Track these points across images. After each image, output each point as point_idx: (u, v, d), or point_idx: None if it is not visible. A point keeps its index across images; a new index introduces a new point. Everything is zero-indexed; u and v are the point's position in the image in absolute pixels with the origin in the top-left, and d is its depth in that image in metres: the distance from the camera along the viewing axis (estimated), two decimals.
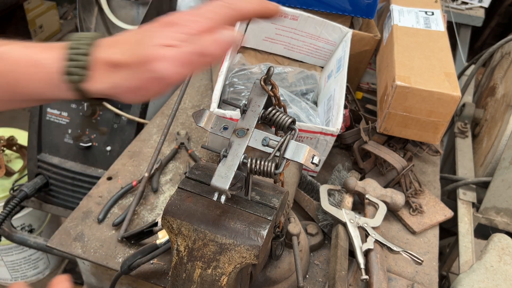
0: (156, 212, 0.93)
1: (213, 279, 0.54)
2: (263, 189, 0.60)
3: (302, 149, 0.54)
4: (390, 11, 1.22)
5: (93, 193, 0.95)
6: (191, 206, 0.57)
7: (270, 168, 0.53)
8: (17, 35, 2.92)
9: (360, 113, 1.14)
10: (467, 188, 1.18)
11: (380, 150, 1.02)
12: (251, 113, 0.56)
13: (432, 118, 0.95)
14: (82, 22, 1.42)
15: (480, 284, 0.80)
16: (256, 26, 1.14)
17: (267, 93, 0.57)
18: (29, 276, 1.88)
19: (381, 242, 0.82)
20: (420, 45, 1.07)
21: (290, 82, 1.12)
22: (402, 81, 0.93)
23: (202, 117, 0.57)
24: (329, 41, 1.16)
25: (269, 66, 0.57)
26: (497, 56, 1.48)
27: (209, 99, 1.25)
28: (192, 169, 0.62)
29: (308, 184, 0.98)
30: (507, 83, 1.27)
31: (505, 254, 0.85)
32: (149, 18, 1.33)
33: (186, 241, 0.56)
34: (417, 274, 0.87)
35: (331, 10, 1.17)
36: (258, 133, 0.55)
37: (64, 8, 3.61)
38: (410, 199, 0.99)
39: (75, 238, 0.85)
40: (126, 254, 0.83)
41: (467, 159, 1.30)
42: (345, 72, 1.01)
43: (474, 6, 2.02)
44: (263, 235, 0.54)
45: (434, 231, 0.97)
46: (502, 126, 1.17)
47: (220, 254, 0.54)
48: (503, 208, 1.12)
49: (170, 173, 1.03)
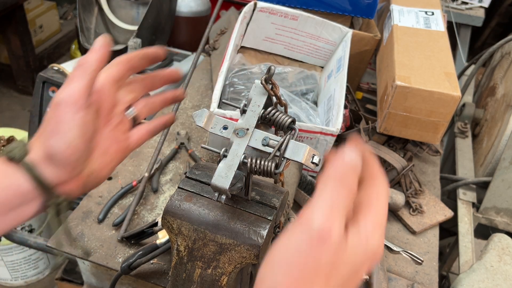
0: (156, 212, 0.93)
1: (213, 279, 0.54)
2: (263, 189, 0.60)
3: (302, 148, 0.54)
4: (390, 11, 1.22)
5: (93, 193, 0.95)
6: (191, 206, 0.57)
7: (270, 168, 0.53)
8: (17, 35, 2.91)
9: (360, 113, 1.14)
10: (467, 188, 1.18)
11: (380, 150, 1.02)
12: (251, 113, 0.56)
13: (432, 118, 0.95)
14: (82, 22, 1.43)
15: (480, 284, 0.80)
16: (256, 26, 1.14)
17: (267, 92, 0.57)
18: (29, 276, 1.88)
19: None
20: (420, 45, 1.07)
21: (290, 82, 1.12)
22: (402, 81, 0.93)
23: (202, 117, 0.57)
24: (329, 41, 1.16)
25: (270, 66, 0.57)
26: (497, 56, 1.48)
27: (209, 99, 1.25)
28: (192, 169, 0.62)
29: (308, 184, 0.98)
30: (507, 83, 1.27)
31: (505, 254, 0.85)
32: (149, 18, 1.33)
33: (186, 241, 0.56)
34: (417, 274, 0.87)
35: (331, 10, 1.17)
36: (258, 133, 0.55)
37: (64, 8, 3.61)
38: (410, 199, 0.99)
39: (75, 238, 0.85)
40: (126, 254, 0.83)
41: (467, 159, 1.30)
42: (345, 72, 1.01)
43: (474, 6, 2.02)
44: (263, 235, 0.54)
45: (434, 231, 0.97)
46: (502, 126, 1.17)
47: (220, 254, 0.54)
48: (503, 208, 1.12)
49: (170, 173, 1.03)
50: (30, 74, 2.90)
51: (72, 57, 3.16)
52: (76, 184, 0.48)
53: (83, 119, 0.46)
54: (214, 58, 1.44)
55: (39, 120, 1.35)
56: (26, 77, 2.93)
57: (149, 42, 1.40)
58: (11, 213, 0.45)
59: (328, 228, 0.32)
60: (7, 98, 3.01)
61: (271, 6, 1.09)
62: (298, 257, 0.32)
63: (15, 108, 2.94)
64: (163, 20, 1.43)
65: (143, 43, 1.34)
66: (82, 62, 0.47)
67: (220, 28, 1.54)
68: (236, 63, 1.11)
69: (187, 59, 1.56)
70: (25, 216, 0.47)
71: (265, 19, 1.12)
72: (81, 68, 0.47)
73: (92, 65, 0.47)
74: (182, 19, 1.61)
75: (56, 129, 0.45)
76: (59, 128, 0.45)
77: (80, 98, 0.45)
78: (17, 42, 2.71)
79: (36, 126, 1.35)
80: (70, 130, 0.45)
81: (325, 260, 0.32)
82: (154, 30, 1.39)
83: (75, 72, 0.47)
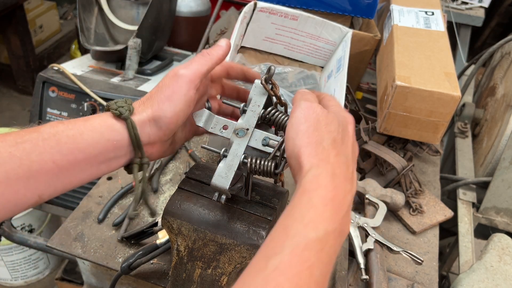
0: (156, 212, 0.93)
1: (213, 279, 0.54)
2: (263, 189, 0.60)
3: None
4: (390, 11, 1.22)
5: (93, 193, 0.95)
6: (191, 206, 0.57)
7: (270, 168, 0.53)
8: (17, 35, 2.91)
9: (360, 113, 1.14)
10: (467, 188, 1.18)
11: (380, 150, 1.02)
12: (251, 113, 0.56)
13: (432, 118, 0.95)
14: (82, 22, 1.42)
15: (480, 284, 0.80)
16: (256, 26, 1.14)
17: (268, 92, 0.57)
18: (29, 276, 1.88)
19: (381, 242, 0.82)
20: (420, 45, 1.07)
21: (290, 82, 1.12)
22: (402, 81, 0.93)
23: (202, 117, 0.57)
24: (329, 41, 1.16)
25: (270, 66, 0.57)
26: (497, 56, 1.48)
27: None
28: (192, 169, 0.62)
29: None
30: (507, 83, 1.27)
31: (505, 254, 0.85)
32: (149, 18, 1.33)
33: (186, 241, 0.56)
34: (417, 274, 0.87)
35: (331, 10, 1.17)
36: (258, 133, 0.55)
37: (64, 8, 3.61)
38: (410, 199, 0.99)
39: (75, 238, 0.85)
40: (126, 254, 0.83)
41: (467, 159, 1.30)
42: (345, 72, 1.01)
43: (474, 6, 2.02)
44: (263, 235, 0.54)
45: (434, 231, 0.97)
46: (502, 126, 1.17)
47: (220, 254, 0.54)
48: (503, 208, 1.12)
49: (170, 173, 1.03)
50: (30, 74, 2.90)
51: (72, 57, 3.16)
52: (159, 149, 0.56)
53: (193, 96, 0.54)
54: None
55: (39, 120, 1.35)
56: (26, 77, 2.93)
57: (149, 42, 1.40)
58: (106, 162, 0.51)
59: (315, 105, 0.49)
60: (7, 98, 3.01)
61: (271, 6, 1.09)
62: (303, 121, 0.48)
63: (15, 108, 2.94)
64: (163, 20, 1.43)
65: (143, 43, 1.34)
66: (207, 52, 0.56)
67: (220, 28, 1.54)
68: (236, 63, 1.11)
69: (187, 59, 1.56)
70: (115, 167, 0.53)
71: (265, 19, 1.12)
72: (206, 57, 0.55)
73: (214, 57, 0.56)
74: (182, 19, 1.60)
75: (170, 97, 0.52)
76: (173, 97, 0.52)
77: (197, 78, 0.53)
78: (17, 42, 2.71)
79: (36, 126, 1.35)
80: (181, 101, 0.52)
81: (322, 119, 0.48)
82: (154, 30, 1.39)
83: (199, 58, 0.55)
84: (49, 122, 0.50)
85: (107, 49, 1.41)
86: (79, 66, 1.42)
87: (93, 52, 1.46)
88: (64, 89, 1.31)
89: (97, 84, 1.30)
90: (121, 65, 1.44)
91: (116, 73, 1.41)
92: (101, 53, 1.45)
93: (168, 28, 1.52)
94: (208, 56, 0.55)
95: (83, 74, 1.36)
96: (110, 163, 0.52)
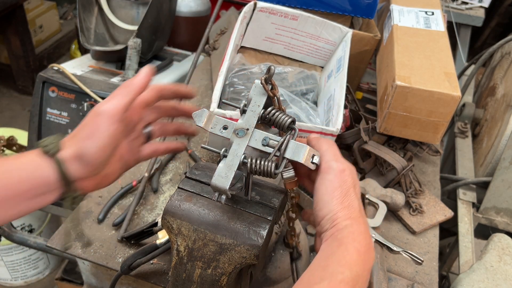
0: (156, 212, 0.93)
1: (213, 279, 0.54)
2: (263, 189, 0.60)
3: (302, 149, 0.54)
4: (390, 11, 1.22)
5: (93, 193, 0.95)
6: (191, 206, 0.57)
7: (270, 168, 0.53)
8: (17, 35, 2.91)
9: (360, 113, 1.14)
10: (467, 188, 1.18)
11: (380, 150, 1.02)
12: (251, 113, 0.56)
13: (432, 118, 0.95)
14: (82, 22, 1.42)
15: (480, 284, 0.80)
16: (256, 26, 1.14)
17: (267, 93, 0.57)
18: (29, 276, 1.88)
19: (381, 242, 0.82)
20: (420, 45, 1.07)
21: (290, 82, 1.12)
22: (402, 81, 0.93)
23: (202, 117, 0.57)
24: (329, 41, 1.16)
25: (270, 66, 0.57)
26: (497, 56, 1.48)
27: (209, 99, 1.25)
28: (192, 169, 0.62)
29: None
30: (507, 83, 1.27)
31: (505, 254, 0.85)
32: (149, 18, 1.33)
33: (186, 241, 0.56)
34: (417, 274, 0.87)
35: (331, 10, 1.17)
36: (258, 133, 0.55)
37: (64, 8, 3.61)
38: (410, 199, 0.99)
39: (75, 238, 0.85)
40: (126, 254, 0.83)
41: (467, 159, 1.30)
42: (345, 72, 1.01)
43: (474, 6, 2.02)
44: (263, 235, 0.54)
45: (434, 231, 0.97)
46: (502, 126, 1.17)
47: (220, 254, 0.54)
48: (503, 208, 1.12)
49: (170, 173, 1.03)
50: (30, 74, 2.90)
51: (72, 57, 3.16)
52: (91, 182, 0.57)
53: (116, 130, 0.55)
54: (214, 58, 1.44)
55: (39, 120, 1.35)
56: (26, 77, 2.93)
57: (149, 42, 1.39)
58: (36, 198, 0.53)
59: (346, 172, 0.55)
60: (7, 98, 3.01)
61: (271, 6, 1.09)
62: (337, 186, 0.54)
63: (15, 108, 2.94)
64: (163, 20, 1.43)
65: (143, 43, 1.34)
66: (128, 84, 0.57)
67: (220, 28, 1.54)
68: (236, 63, 1.11)
69: (187, 59, 1.56)
70: (45, 202, 0.55)
71: (265, 19, 1.12)
72: (126, 88, 0.57)
73: (135, 88, 0.57)
74: (182, 19, 1.60)
75: (91, 134, 0.54)
76: (94, 134, 0.54)
77: (118, 113, 0.54)
78: (17, 42, 2.71)
79: (36, 126, 1.35)
80: (103, 137, 0.54)
81: (350, 185, 0.54)
82: (154, 30, 1.39)
83: (120, 90, 0.57)
84: None
85: (107, 49, 1.41)
86: (79, 66, 1.42)
87: (93, 52, 1.46)
88: (64, 89, 1.31)
89: (97, 84, 1.30)
90: (121, 65, 1.44)
91: (116, 73, 1.41)
92: (101, 53, 1.45)
93: (168, 28, 1.52)
94: (128, 88, 0.56)
95: (83, 74, 1.36)
96: (40, 198, 0.54)
